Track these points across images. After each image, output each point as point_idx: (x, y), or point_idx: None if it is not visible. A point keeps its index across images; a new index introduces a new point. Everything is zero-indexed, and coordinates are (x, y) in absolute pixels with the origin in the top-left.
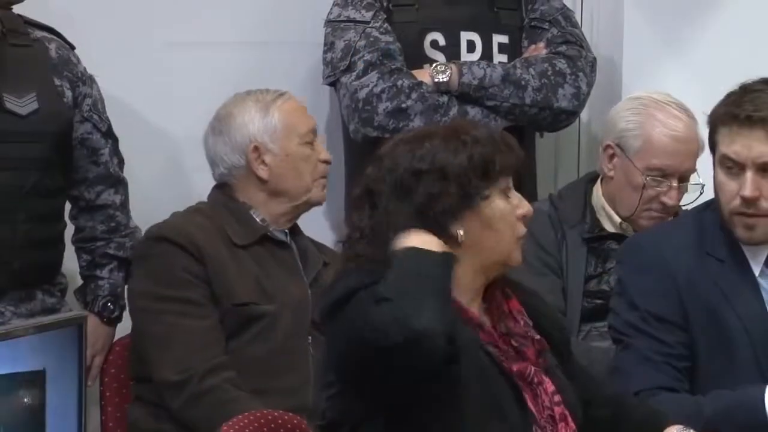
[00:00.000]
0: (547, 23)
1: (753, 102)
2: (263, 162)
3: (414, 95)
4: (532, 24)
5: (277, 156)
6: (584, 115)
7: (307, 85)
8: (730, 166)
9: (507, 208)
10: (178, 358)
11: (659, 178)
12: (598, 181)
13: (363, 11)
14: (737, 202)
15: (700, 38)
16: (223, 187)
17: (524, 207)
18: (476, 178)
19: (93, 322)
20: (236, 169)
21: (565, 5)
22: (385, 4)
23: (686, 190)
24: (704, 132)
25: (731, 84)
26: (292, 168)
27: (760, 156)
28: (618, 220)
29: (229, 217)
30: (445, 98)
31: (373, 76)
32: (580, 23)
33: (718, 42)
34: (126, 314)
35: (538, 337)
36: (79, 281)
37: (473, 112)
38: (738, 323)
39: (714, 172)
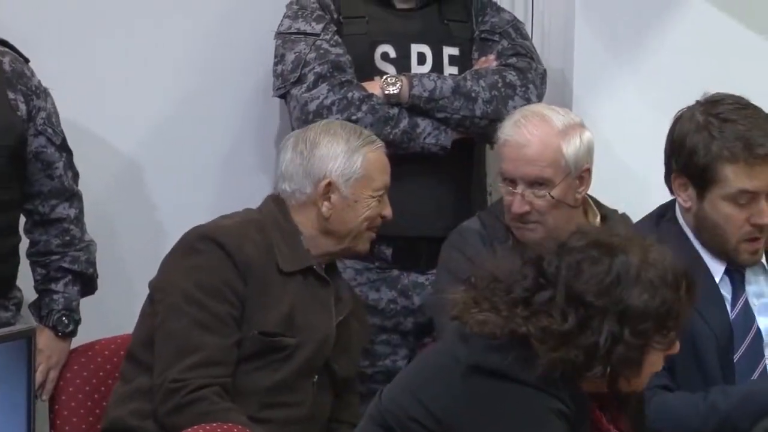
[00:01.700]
0: (497, 35)
1: (765, 136)
2: (329, 199)
3: (364, 107)
4: (483, 36)
5: (346, 200)
6: None
7: (258, 97)
8: (745, 200)
9: None
10: (181, 366)
11: (506, 185)
12: None
13: (313, 23)
14: (747, 229)
15: (651, 51)
16: (278, 202)
17: None
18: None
19: (47, 337)
20: (301, 194)
21: (515, 17)
22: (335, 16)
23: (545, 198)
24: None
25: (680, 96)
26: (354, 215)
27: None
28: None
29: (280, 238)
30: (395, 110)
31: (323, 88)
32: (530, 35)
33: (668, 55)
34: (85, 327)
35: None
36: (34, 295)
37: (423, 124)
38: (706, 329)
39: (704, 208)
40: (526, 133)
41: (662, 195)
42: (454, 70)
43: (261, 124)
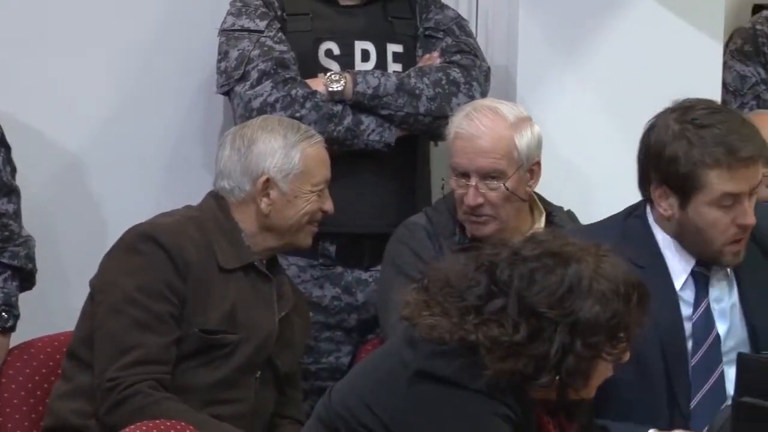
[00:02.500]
0: (441, 32)
1: (744, 141)
2: (268, 196)
3: (308, 104)
4: (427, 33)
5: (285, 196)
6: None
7: (201, 94)
8: (730, 203)
9: None
10: (117, 365)
11: (460, 179)
12: None
13: (257, 20)
14: (732, 231)
15: (594, 48)
16: (218, 199)
17: None
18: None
19: None
20: (240, 191)
21: (459, 15)
22: (279, 13)
23: (499, 190)
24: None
25: (624, 93)
26: (294, 210)
27: (754, 183)
28: None
29: (221, 235)
30: (339, 107)
31: (267, 85)
32: (474, 33)
33: (612, 52)
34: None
35: None
36: None
37: (367, 121)
38: (653, 335)
39: (686, 216)
40: (480, 125)
41: (605, 192)
42: (398, 67)
43: (205, 122)
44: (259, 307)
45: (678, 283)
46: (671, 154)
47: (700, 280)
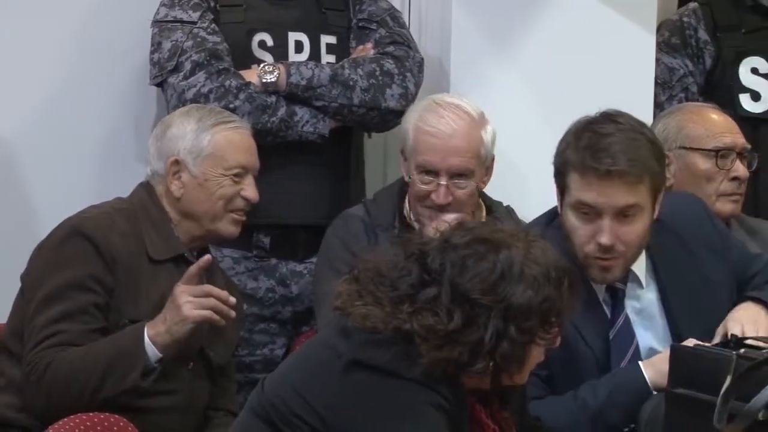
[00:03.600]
0: (374, 24)
1: (609, 153)
2: (180, 179)
3: (242, 96)
4: (360, 25)
5: (196, 178)
6: None
7: (134, 86)
8: (586, 211)
9: None
10: (36, 350)
11: (426, 176)
12: None
13: (190, 11)
14: (593, 246)
15: (527, 39)
16: (148, 189)
17: None
18: None
19: None
20: (158, 175)
21: (392, 6)
22: (212, 4)
23: (468, 188)
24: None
25: (556, 84)
26: (206, 194)
27: (618, 204)
28: None
29: (150, 226)
30: (273, 99)
31: (200, 76)
32: (407, 24)
33: (546, 43)
34: None
35: None
36: None
37: (301, 112)
38: (586, 349)
39: (563, 211)
40: (452, 123)
41: (537, 184)
42: (332, 58)
43: (138, 113)
44: None
45: (599, 296)
46: (557, 149)
47: (616, 294)
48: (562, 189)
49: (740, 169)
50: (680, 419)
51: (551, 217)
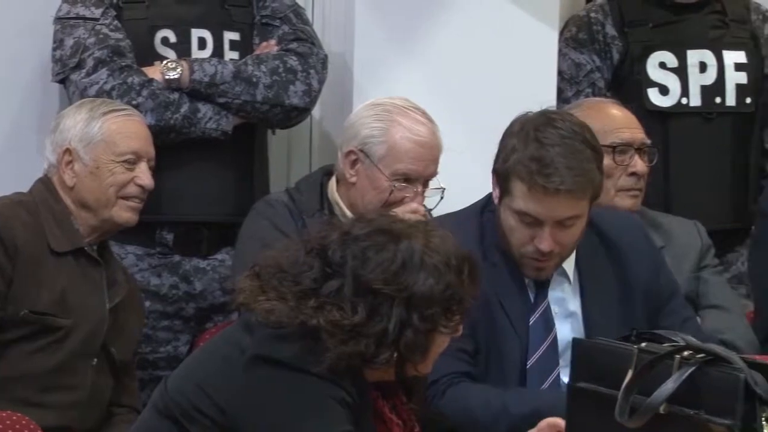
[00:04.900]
0: (278, 20)
1: (558, 171)
2: (72, 168)
3: (144, 92)
4: (264, 21)
5: (87, 167)
6: (316, 112)
7: (37, 83)
8: (528, 220)
9: None
10: None
11: (404, 184)
12: (334, 176)
13: (92, 8)
14: (530, 248)
15: (431, 35)
16: (47, 183)
17: None
18: None
19: None
20: (53, 167)
21: (296, 2)
22: (115, 1)
23: (435, 194)
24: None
25: (461, 81)
26: (98, 182)
27: (561, 216)
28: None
29: (51, 218)
30: (176, 95)
31: (103, 73)
32: (311, 20)
33: (449, 39)
34: None
35: None
36: None
37: (204, 109)
38: (508, 325)
39: (501, 208)
40: (432, 132)
41: (442, 181)
42: (235, 55)
43: (41, 110)
44: (89, 293)
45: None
46: (502, 146)
47: (541, 283)
48: (502, 189)
49: (639, 164)
50: (583, 413)
51: (485, 204)
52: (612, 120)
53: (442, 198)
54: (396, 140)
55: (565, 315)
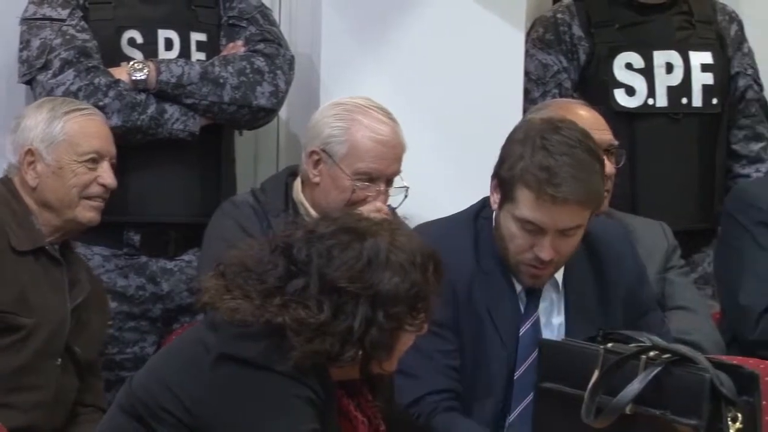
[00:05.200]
0: (245, 21)
1: (567, 181)
2: (35, 168)
3: (111, 93)
4: (231, 22)
5: (49, 167)
6: (283, 113)
7: (2, 84)
8: (530, 228)
9: None
10: None
11: (367, 183)
12: (299, 176)
13: (59, 9)
14: (529, 255)
15: (398, 36)
16: (6, 183)
17: None
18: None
19: None
20: (14, 168)
21: (263, 3)
22: (81, 2)
23: (398, 193)
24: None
25: (428, 81)
26: (62, 182)
27: (565, 226)
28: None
29: (12, 218)
30: (143, 96)
31: (69, 74)
32: (278, 21)
33: (416, 40)
34: None
35: None
36: None
37: (171, 110)
38: (496, 335)
39: (501, 214)
40: (394, 130)
41: (408, 181)
42: (202, 56)
43: (7, 111)
44: (51, 293)
45: (517, 288)
46: (506, 153)
47: (532, 292)
48: (505, 195)
49: (606, 165)
50: (549, 414)
51: (479, 209)
52: (580, 121)
53: (406, 196)
54: (357, 139)
55: (550, 325)
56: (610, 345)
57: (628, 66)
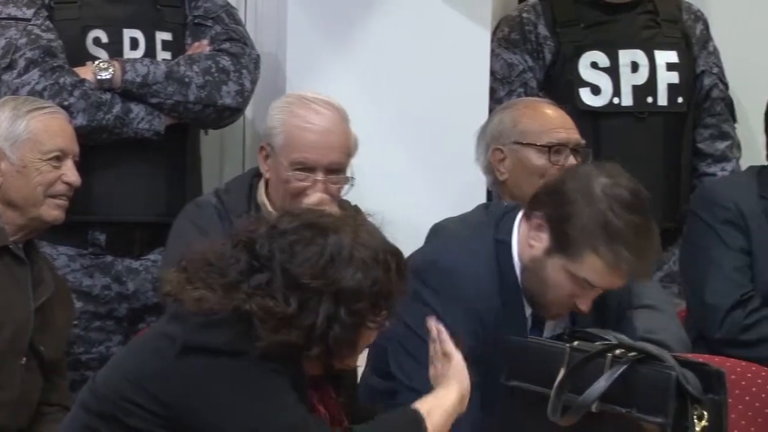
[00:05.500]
0: (210, 20)
1: (643, 260)
2: None
3: (76, 92)
4: (196, 21)
5: (14, 165)
6: (249, 112)
7: None
8: (584, 285)
9: None
10: None
11: (302, 172)
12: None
13: (24, 8)
14: (567, 302)
15: (363, 35)
16: None
17: None
18: None
19: None
20: None
21: (228, 3)
22: (46, 1)
23: (341, 183)
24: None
25: (393, 81)
26: (26, 181)
27: (619, 285)
28: None
29: None
30: (108, 96)
31: (34, 73)
32: (244, 20)
33: (382, 39)
34: None
35: None
36: None
37: (137, 109)
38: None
39: (550, 262)
40: (327, 118)
41: (372, 181)
42: (168, 55)
43: None
44: (14, 291)
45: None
46: (572, 212)
47: (538, 319)
48: (562, 248)
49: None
50: (515, 412)
51: (493, 226)
52: (548, 120)
53: (352, 185)
54: (291, 129)
55: None
56: (576, 343)
57: (594, 65)
